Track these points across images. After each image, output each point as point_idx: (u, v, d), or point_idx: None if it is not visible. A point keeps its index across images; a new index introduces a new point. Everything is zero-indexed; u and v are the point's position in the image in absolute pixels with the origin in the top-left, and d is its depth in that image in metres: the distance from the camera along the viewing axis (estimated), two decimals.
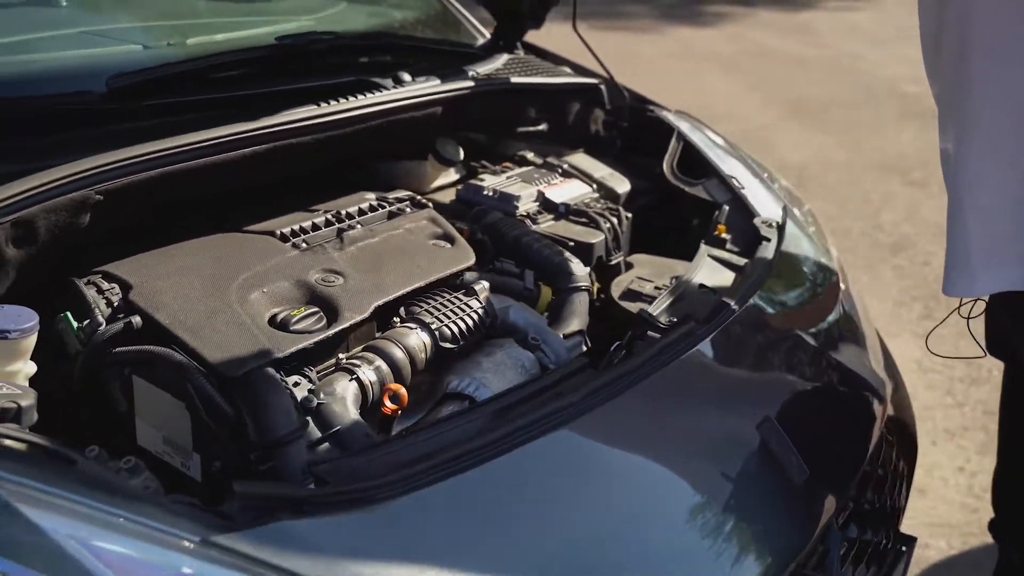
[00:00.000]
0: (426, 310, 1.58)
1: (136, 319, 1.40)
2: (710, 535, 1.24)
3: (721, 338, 1.53)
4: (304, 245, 1.66)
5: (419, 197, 1.90)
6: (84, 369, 1.39)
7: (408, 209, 1.86)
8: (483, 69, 2.18)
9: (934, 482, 2.94)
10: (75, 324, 1.40)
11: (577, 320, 1.72)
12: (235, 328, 1.40)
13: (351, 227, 1.73)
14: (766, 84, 7.57)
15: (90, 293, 1.42)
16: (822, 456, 1.48)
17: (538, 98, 2.22)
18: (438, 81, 2.01)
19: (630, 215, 2.08)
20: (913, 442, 1.86)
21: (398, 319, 1.57)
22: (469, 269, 1.72)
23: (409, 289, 1.59)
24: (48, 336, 1.41)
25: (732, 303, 1.61)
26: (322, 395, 1.39)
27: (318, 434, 1.35)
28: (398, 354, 1.49)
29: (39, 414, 1.32)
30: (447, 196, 2.08)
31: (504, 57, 2.34)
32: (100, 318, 1.40)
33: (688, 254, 1.91)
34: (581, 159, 2.26)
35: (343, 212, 1.78)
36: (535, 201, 2.03)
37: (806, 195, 2.67)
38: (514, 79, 2.14)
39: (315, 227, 1.72)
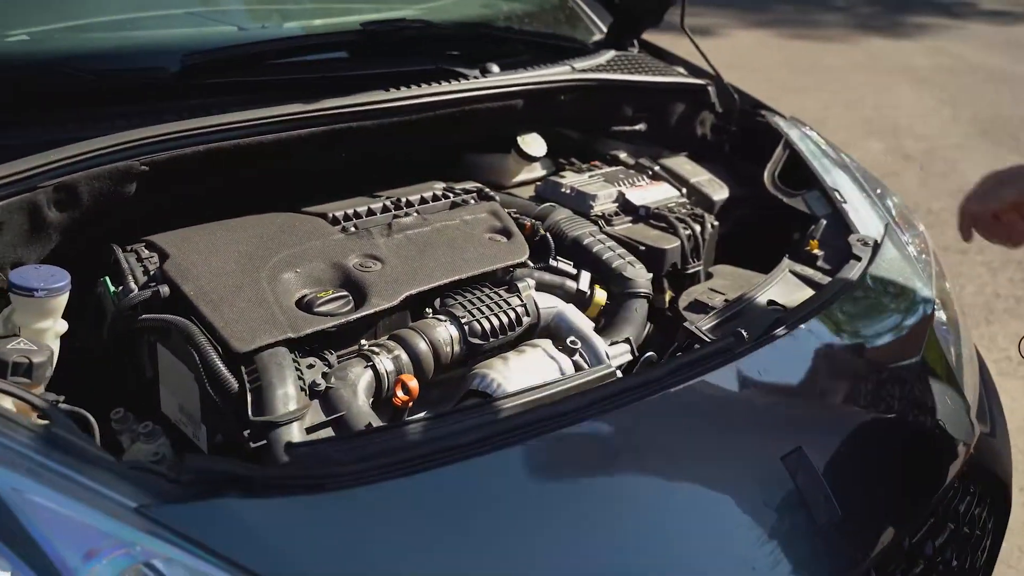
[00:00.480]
0: (460, 303, 1.54)
1: (164, 288, 1.43)
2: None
3: (765, 358, 1.41)
4: (353, 229, 1.65)
5: (487, 189, 1.86)
6: (112, 333, 1.43)
7: (472, 201, 1.82)
8: (582, 64, 2.12)
9: None
10: (112, 288, 1.44)
11: (629, 327, 1.63)
12: (256, 305, 1.41)
13: (406, 214, 1.72)
14: (959, 100, 7.06)
15: (127, 260, 1.46)
16: (866, 499, 1.34)
17: (635, 96, 2.13)
18: (526, 73, 1.96)
19: (716, 223, 1.97)
20: (1005, 499, 1.66)
21: (430, 310, 1.54)
22: (519, 266, 1.66)
23: (448, 281, 1.56)
24: (91, 300, 1.47)
25: (789, 322, 1.49)
26: (333, 380, 1.37)
27: (323, 417, 1.33)
28: (421, 346, 1.46)
29: (75, 373, 1.38)
30: (528, 192, 2.02)
31: (610, 54, 2.26)
32: (133, 284, 1.44)
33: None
34: (679, 162, 2.16)
35: (403, 200, 1.77)
36: (614, 202, 1.95)
37: None
38: (609, 76, 2.06)
39: (370, 212, 1.71)
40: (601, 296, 1.69)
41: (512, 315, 1.55)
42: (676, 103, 2.21)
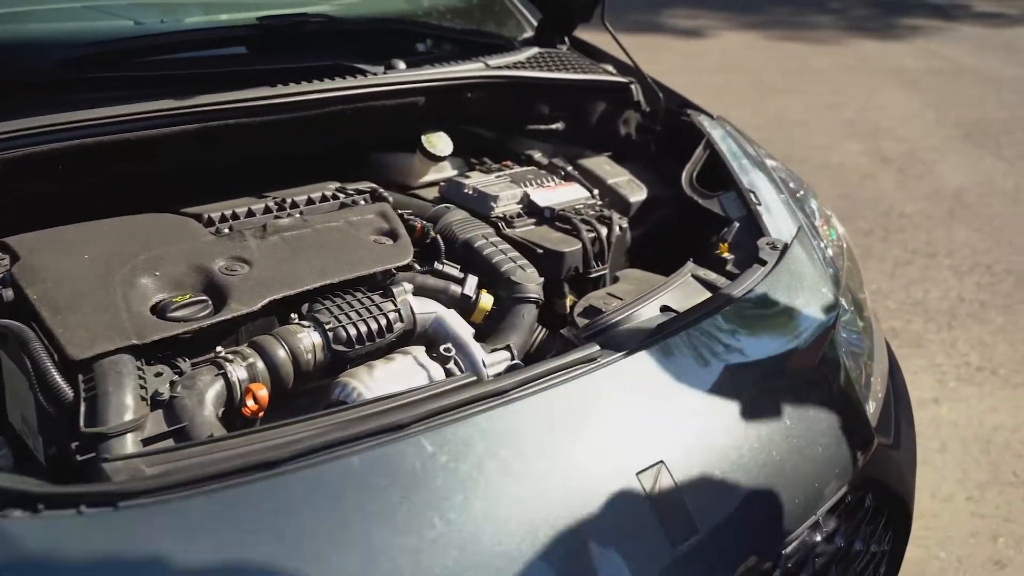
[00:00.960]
0: (327, 308, 1.47)
1: (8, 292, 1.37)
2: None
3: (635, 367, 1.34)
4: (226, 231, 1.59)
5: (380, 190, 1.79)
6: None
7: (364, 201, 1.76)
8: (497, 61, 2.06)
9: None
10: None
11: (514, 334, 1.57)
12: (103, 310, 1.35)
13: (289, 215, 1.66)
14: (945, 103, 6.98)
15: None
16: (733, 517, 1.27)
17: (551, 94, 2.07)
18: (431, 70, 1.90)
19: (625, 225, 1.90)
20: (905, 514, 1.59)
21: (296, 316, 1.47)
22: (400, 269, 1.60)
23: (317, 285, 1.49)
24: None
25: (669, 329, 1.42)
26: (179, 389, 1.31)
27: (165, 428, 1.27)
28: (279, 353, 1.39)
29: None
30: (434, 193, 1.96)
31: (532, 51, 2.20)
32: None
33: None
34: (598, 162, 2.09)
35: (288, 200, 1.71)
36: (518, 203, 1.88)
37: (955, 224, 2.38)
38: (521, 73, 2.00)
39: (250, 213, 1.65)
40: (486, 301, 1.62)
41: (383, 321, 1.49)
42: (596, 102, 2.14)
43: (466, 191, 1.88)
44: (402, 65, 1.92)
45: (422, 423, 1.15)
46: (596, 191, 1.98)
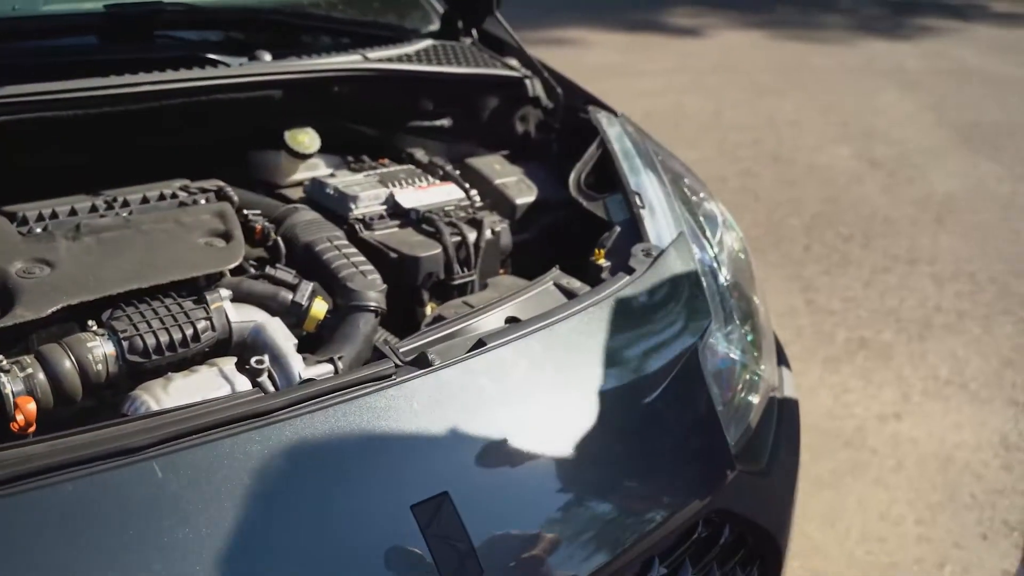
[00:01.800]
0: (127, 316, 1.36)
1: None
2: None
3: (437, 384, 1.22)
4: (38, 231, 1.49)
5: (227, 189, 1.68)
6: None
7: (204, 201, 1.65)
8: (378, 54, 1.94)
9: None
10: None
11: (346, 345, 1.45)
12: None
13: (116, 215, 1.55)
14: (945, 105, 6.78)
15: None
16: (534, 558, 1.14)
17: (434, 89, 1.95)
18: (294, 62, 1.79)
19: (501, 228, 1.78)
20: (774, 553, 1.45)
21: (94, 323, 1.37)
22: (234, 273, 1.49)
23: (122, 290, 1.38)
24: None
25: (493, 342, 1.30)
26: None
27: None
28: (64, 364, 1.28)
29: None
30: (299, 193, 1.85)
31: (424, 43, 2.08)
32: None
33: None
34: (488, 161, 1.97)
35: (120, 199, 1.60)
36: (382, 204, 1.76)
37: (941, 230, 2.23)
38: (395, 66, 1.88)
39: (73, 212, 1.55)
40: (319, 309, 1.51)
41: (189, 330, 1.37)
42: (487, 97, 2.02)
43: (327, 191, 1.76)
44: (267, 57, 1.81)
45: (159, 447, 1.03)
46: (475, 192, 1.86)
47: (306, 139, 1.83)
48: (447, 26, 2.24)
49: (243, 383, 1.34)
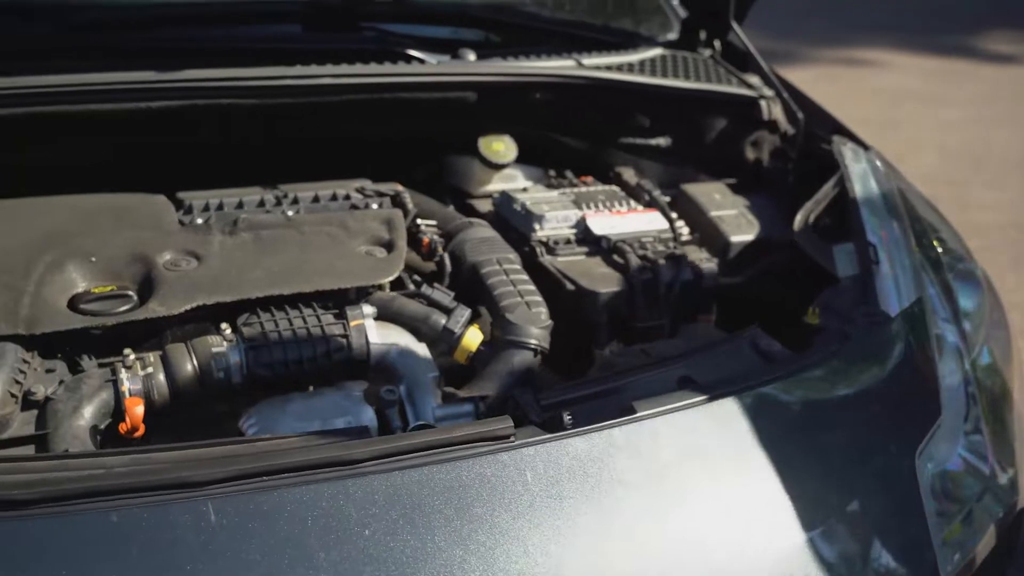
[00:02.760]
0: (261, 323, 1.27)
1: None
2: None
3: (568, 454, 1.02)
4: (198, 221, 1.43)
5: (405, 195, 1.56)
6: None
7: (376, 205, 1.53)
8: (595, 60, 1.76)
9: None
10: None
11: (496, 384, 1.28)
12: (7, 292, 1.23)
13: (282, 212, 1.48)
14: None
15: None
16: None
17: (651, 104, 1.74)
18: (495, 63, 1.65)
19: (706, 268, 1.54)
20: None
21: (227, 326, 1.28)
22: (372, 289, 1.36)
23: (261, 294, 1.29)
24: None
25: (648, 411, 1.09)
26: (60, 391, 1.16)
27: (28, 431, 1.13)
28: (185, 367, 1.21)
29: None
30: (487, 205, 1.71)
31: (653, 52, 1.87)
32: None
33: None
34: (707, 190, 1.73)
35: (291, 195, 1.52)
36: (572, 227, 1.58)
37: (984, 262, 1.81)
38: (604, 75, 1.69)
39: (240, 205, 1.48)
40: (472, 339, 1.35)
41: (321, 347, 1.26)
42: (713, 116, 1.78)
43: (515, 206, 1.60)
44: (471, 56, 1.68)
45: (218, 485, 0.91)
46: (681, 223, 1.63)
47: (501, 147, 1.68)
48: (686, 35, 2.01)
49: (367, 414, 1.21)
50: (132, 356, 1.23)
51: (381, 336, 1.31)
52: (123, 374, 1.18)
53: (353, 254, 1.41)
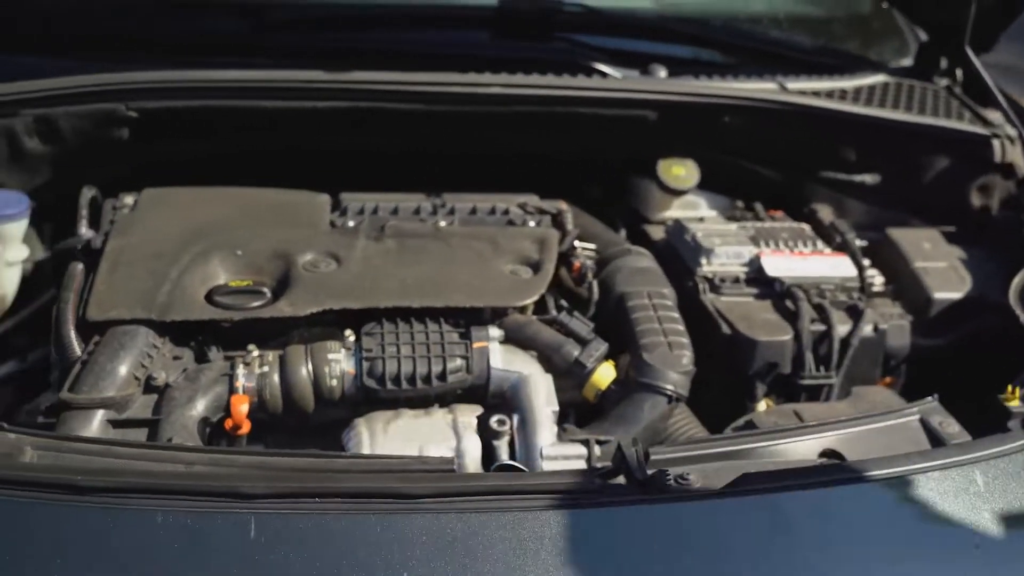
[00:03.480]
0: (382, 334, 1.23)
1: (98, 240, 1.35)
2: None
3: (656, 521, 0.91)
4: (350, 224, 1.42)
5: (567, 214, 1.47)
6: (40, 271, 1.40)
7: (532, 223, 1.46)
8: (801, 84, 1.60)
9: None
10: None
11: (619, 428, 1.18)
12: (150, 276, 1.26)
13: (436, 220, 1.44)
14: None
15: (83, 203, 1.40)
16: None
17: (859, 136, 1.55)
18: (683, 82, 1.53)
19: (887, 326, 1.35)
20: None
21: (350, 334, 1.25)
22: (509, 310, 1.29)
23: (390, 305, 1.25)
24: None
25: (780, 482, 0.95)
26: (180, 380, 1.18)
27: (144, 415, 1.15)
28: (299, 372, 1.19)
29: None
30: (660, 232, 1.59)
31: (874, 78, 1.69)
32: (82, 229, 1.39)
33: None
34: (916, 237, 1.53)
35: (449, 205, 1.48)
36: (744, 265, 1.43)
37: None
38: (823, 103, 1.52)
39: (395, 211, 1.46)
40: (603, 376, 1.24)
41: (438, 366, 1.20)
42: (934, 155, 1.57)
43: (685, 236, 1.48)
44: (662, 73, 1.57)
45: (268, 500, 0.87)
46: (874, 272, 1.45)
47: (682, 172, 1.56)
48: (923, 61, 1.79)
49: (473, 442, 1.14)
50: (255, 353, 1.23)
51: (505, 361, 1.23)
52: (240, 370, 1.18)
53: (495, 272, 1.34)
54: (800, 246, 1.46)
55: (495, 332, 1.25)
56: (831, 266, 1.43)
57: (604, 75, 1.53)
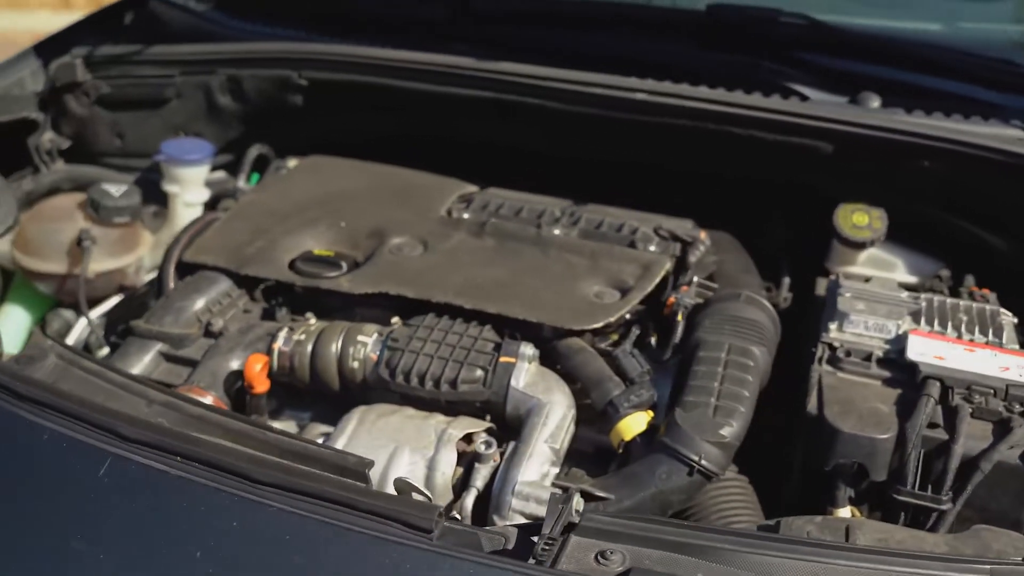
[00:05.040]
0: (417, 327, 1.17)
1: (242, 192, 1.45)
2: None
3: None
4: (465, 216, 1.37)
5: (699, 246, 1.29)
6: None
7: (652, 247, 1.30)
8: (1000, 131, 1.26)
9: None
10: None
11: (623, 489, 1.02)
12: (254, 233, 1.34)
13: (541, 224, 1.35)
14: None
15: (247, 159, 1.52)
16: None
17: None
18: (903, 118, 1.28)
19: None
20: None
21: (398, 320, 1.21)
22: (565, 332, 1.16)
23: (442, 300, 1.19)
24: None
25: None
26: (231, 329, 1.24)
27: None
28: (328, 347, 1.18)
29: None
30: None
31: None
32: (240, 181, 1.51)
33: None
34: None
35: (577, 214, 1.37)
36: (885, 341, 1.15)
37: None
38: None
39: (519, 212, 1.40)
40: (631, 425, 1.08)
41: (453, 372, 1.12)
42: None
43: (838, 294, 1.22)
44: (875, 103, 1.32)
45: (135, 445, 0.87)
46: None
47: (864, 221, 1.29)
48: None
49: (448, 458, 1.05)
50: (313, 321, 1.24)
51: (529, 383, 1.11)
52: (282, 333, 1.20)
53: (575, 290, 1.22)
54: (978, 335, 1.14)
55: (528, 350, 1.13)
56: (1006, 365, 1.09)
57: (804, 98, 1.32)
